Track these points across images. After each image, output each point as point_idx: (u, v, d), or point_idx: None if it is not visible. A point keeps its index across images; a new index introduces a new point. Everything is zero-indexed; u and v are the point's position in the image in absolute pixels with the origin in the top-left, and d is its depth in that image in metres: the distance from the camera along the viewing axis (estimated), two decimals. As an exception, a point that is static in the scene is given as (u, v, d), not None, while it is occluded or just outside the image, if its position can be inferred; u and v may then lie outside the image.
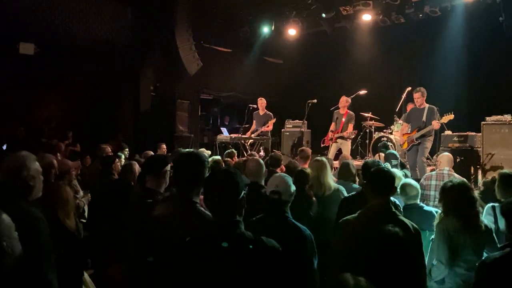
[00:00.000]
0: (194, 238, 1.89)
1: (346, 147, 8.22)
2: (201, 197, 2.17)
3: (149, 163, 3.00)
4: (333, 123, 8.51)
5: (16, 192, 2.21)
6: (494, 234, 3.07)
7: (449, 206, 3.05)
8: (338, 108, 8.49)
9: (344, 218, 2.80)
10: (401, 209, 3.39)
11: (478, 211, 3.07)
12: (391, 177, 2.82)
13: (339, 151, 8.17)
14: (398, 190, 3.91)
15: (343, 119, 8.29)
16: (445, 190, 3.12)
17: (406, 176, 4.99)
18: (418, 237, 2.70)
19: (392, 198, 2.91)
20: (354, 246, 2.57)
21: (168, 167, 2.87)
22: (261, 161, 3.86)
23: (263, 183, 3.68)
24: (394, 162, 5.41)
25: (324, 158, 4.33)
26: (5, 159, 2.32)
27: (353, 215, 2.77)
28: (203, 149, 7.36)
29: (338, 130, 8.31)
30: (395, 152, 6.05)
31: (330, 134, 8.46)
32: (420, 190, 3.96)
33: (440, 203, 3.19)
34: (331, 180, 4.14)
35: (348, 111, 8.38)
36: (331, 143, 8.37)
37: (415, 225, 2.76)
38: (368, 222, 2.62)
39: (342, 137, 8.23)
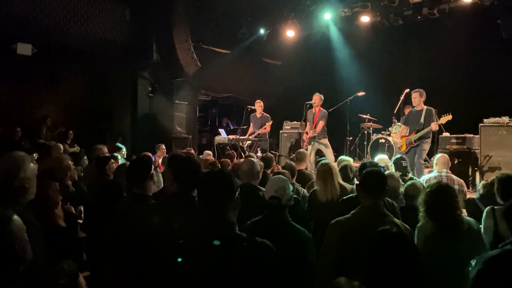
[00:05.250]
0: (188, 239, 1.87)
1: (326, 148, 7.95)
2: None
3: (131, 172, 2.86)
4: (308, 123, 8.32)
5: (11, 194, 2.17)
6: (482, 238, 2.93)
7: (427, 209, 2.88)
8: (311, 107, 8.29)
9: (336, 219, 2.78)
10: (399, 210, 3.39)
11: (460, 216, 2.88)
12: (383, 178, 2.81)
13: (320, 153, 8.02)
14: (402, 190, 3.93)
15: (316, 117, 8.09)
16: (428, 193, 2.95)
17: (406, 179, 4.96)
18: (410, 238, 2.68)
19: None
20: (345, 247, 2.56)
21: (152, 169, 2.83)
22: (255, 162, 3.82)
23: (257, 184, 3.65)
24: (404, 163, 5.34)
25: (330, 162, 4.32)
26: (1, 160, 2.28)
27: (345, 216, 2.76)
28: (208, 152, 7.35)
29: (311, 129, 8.09)
30: (400, 155, 5.98)
31: (304, 136, 8.24)
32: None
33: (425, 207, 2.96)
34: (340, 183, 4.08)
35: (322, 109, 8.17)
36: (307, 145, 8.12)
37: (407, 226, 2.74)
38: (359, 223, 2.61)
39: (314, 138, 7.99)
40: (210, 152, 7.46)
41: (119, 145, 7.48)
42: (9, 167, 2.22)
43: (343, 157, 5.93)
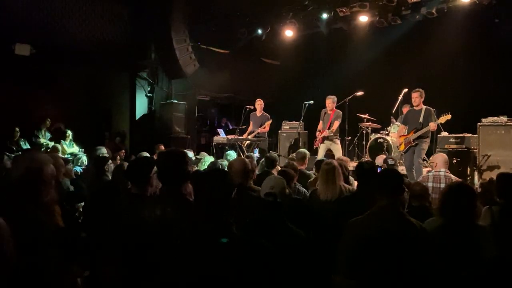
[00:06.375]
0: (186, 238, 1.87)
1: (337, 148, 7.98)
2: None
3: (132, 170, 2.84)
4: (320, 122, 8.35)
5: (26, 195, 2.15)
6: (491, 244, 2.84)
7: (441, 203, 2.85)
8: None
9: (353, 219, 2.78)
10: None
11: (473, 219, 2.82)
12: (400, 178, 2.80)
13: (330, 152, 8.04)
14: None
15: (331, 118, 8.12)
16: (451, 192, 2.88)
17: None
18: (426, 237, 2.67)
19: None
20: (362, 247, 2.55)
21: (153, 171, 2.80)
22: (247, 161, 3.76)
23: (250, 184, 3.59)
24: (390, 161, 5.39)
25: (334, 161, 4.31)
26: (21, 160, 2.25)
27: (362, 216, 2.75)
28: (203, 153, 7.33)
29: (325, 129, 8.12)
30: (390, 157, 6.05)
31: (317, 134, 8.25)
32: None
33: (439, 204, 2.93)
34: (342, 183, 4.07)
35: (336, 109, 8.21)
36: (318, 144, 8.14)
37: (423, 225, 2.73)
38: (376, 222, 2.60)
39: (327, 138, 8.02)
40: (205, 154, 7.40)
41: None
42: (27, 168, 2.17)
43: (339, 156, 5.96)
